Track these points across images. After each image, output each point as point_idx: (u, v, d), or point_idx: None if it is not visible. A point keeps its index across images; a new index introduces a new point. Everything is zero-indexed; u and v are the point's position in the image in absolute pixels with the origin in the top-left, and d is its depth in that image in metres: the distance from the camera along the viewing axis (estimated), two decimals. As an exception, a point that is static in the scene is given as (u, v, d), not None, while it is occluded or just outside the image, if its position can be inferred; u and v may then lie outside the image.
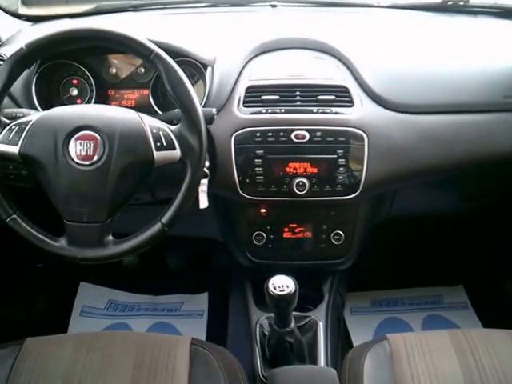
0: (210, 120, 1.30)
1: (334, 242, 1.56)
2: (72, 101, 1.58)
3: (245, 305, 1.69)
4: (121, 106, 1.58)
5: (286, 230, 1.57)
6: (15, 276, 2.24)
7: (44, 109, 1.47)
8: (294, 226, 1.56)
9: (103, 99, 1.58)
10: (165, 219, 1.24)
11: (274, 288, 1.30)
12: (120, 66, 1.58)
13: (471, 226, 2.22)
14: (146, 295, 2.40)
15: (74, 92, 1.57)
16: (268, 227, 1.56)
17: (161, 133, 1.23)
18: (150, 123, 1.24)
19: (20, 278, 2.29)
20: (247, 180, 1.47)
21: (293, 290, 1.30)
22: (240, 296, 1.78)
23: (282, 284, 1.30)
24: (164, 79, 1.22)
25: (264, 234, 1.56)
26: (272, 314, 1.47)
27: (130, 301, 2.39)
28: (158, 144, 1.22)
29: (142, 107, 1.53)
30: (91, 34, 1.22)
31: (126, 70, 1.58)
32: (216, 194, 1.48)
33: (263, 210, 1.55)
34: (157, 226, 1.24)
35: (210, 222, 1.75)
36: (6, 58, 1.48)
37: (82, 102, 1.58)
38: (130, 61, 1.58)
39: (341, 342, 1.79)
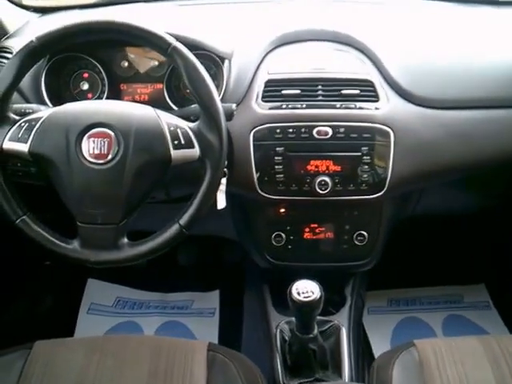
0: (229, 116, 1.25)
1: (356, 243, 1.51)
2: (82, 95, 1.53)
3: (262, 308, 1.64)
4: (134, 100, 1.53)
5: (307, 230, 1.52)
6: (22, 273, 2.20)
7: (54, 104, 1.42)
8: (315, 226, 1.51)
9: (115, 94, 1.53)
10: (183, 221, 1.19)
11: (298, 294, 1.25)
12: (133, 58, 1.52)
13: (493, 223, 2.17)
14: (156, 292, 2.35)
15: (85, 86, 1.52)
16: (288, 227, 1.51)
17: (178, 130, 1.18)
18: (168, 120, 1.19)
19: (27, 275, 2.24)
20: (266, 178, 1.42)
21: (318, 296, 1.25)
22: (256, 298, 1.73)
23: (306, 290, 1.25)
24: (183, 74, 1.17)
25: (283, 235, 1.51)
26: (293, 319, 1.42)
27: (139, 298, 2.34)
28: (176, 142, 1.17)
29: (155, 102, 1.46)
30: (106, 26, 1.17)
31: (139, 63, 1.53)
32: (233, 193, 1.43)
33: (283, 210, 1.50)
34: (174, 228, 1.20)
35: (224, 220, 1.70)
36: (13, 51, 1.47)
37: (92, 97, 1.53)
38: (144, 53, 1.52)
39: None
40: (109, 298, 2.33)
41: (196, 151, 1.17)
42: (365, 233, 1.51)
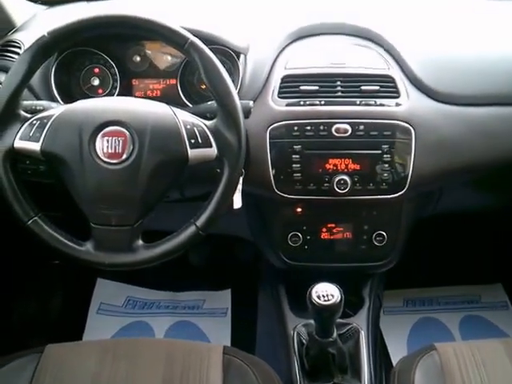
0: (247, 114, 1.22)
1: (375, 243, 1.48)
2: (93, 91, 1.51)
3: (278, 310, 1.61)
4: (146, 96, 1.51)
5: (324, 230, 1.49)
6: (31, 273, 2.18)
7: (64, 100, 1.41)
8: (333, 226, 1.48)
9: (127, 89, 1.50)
10: (200, 222, 1.16)
11: (318, 297, 1.22)
12: (145, 53, 1.50)
13: (510, 222, 2.14)
14: (166, 292, 2.34)
15: (96, 82, 1.50)
16: (304, 227, 1.48)
17: (195, 129, 1.15)
18: (184, 118, 1.16)
19: (35, 275, 2.23)
20: (283, 177, 1.39)
21: (338, 300, 1.22)
22: (271, 299, 1.71)
23: (326, 293, 1.23)
24: (200, 70, 1.15)
25: (300, 235, 1.48)
26: (310, 321, 1.40)
27: (149, 298, 2.32)
28: (193, 141, 1.14)
29: (168, 98, 1.45)
30: (120, 20, 1.14)
31: (152, 58, 1.51)
32: (248, 192, 1.40)
33: (299, 209, 1.47)
34: (191, 230, 1.17)
35: (237, 219, 1.67)
36: (22, 45, 1.45)
37: (103, 93, 1.50)
38: (157, 48, 1.50)
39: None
40: (119, 297, 2.31)
41: (213, 150, 1.15)
42: (384, 233, 1.48)
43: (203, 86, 1.49)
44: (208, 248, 2.38)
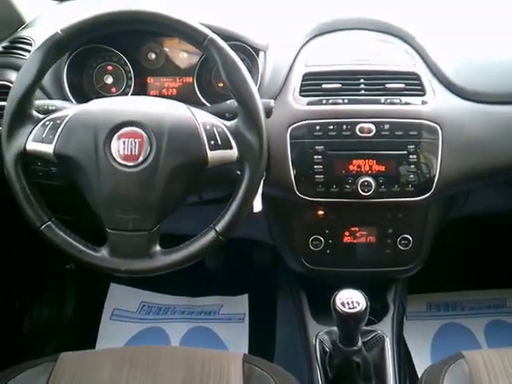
0: (268, 113, 1.20)
1: (400, 247, 1.45)
2: (106, 90, 1.49)
3: (299, 316, 1.58)
4: (161, 95, 1.48)
5: (347, 234, 1.46)
6: (43, 278, 2.17)
7: (77, 100, 1.39)
8: (356, 229, 1.45)
9: (141, 88, 1.48)
10: (219, 227, 1.14)
11: (343, 305, 1.19)
12: (160, 50, 1.48)
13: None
14: (182, 296, 2.32)
15: (109, 80, 1.48)
16: (326, 231, 1.45)
17: (215, 129, 1.12)
18: (203, 118, 1.13)
19: (47, 280, 2.21)
20: (304, 179, 1.36)
21: (364, 307, 1.19)
22: (291, 304, 1.68)
23: (351, 300, 1.20)
24: (219, 68, 1.12)
25: (322, 239, 1.45)
26: (333, 328, 1.37)
27: (164, 303, 2.30)
28: (212, 142, 1.11)
29: (185, 97, 1.44)
30: (137, 16, 1.12)
31: (168, 55, 1.48)
32: (268, 194, 1.37)
33: (321, 212, 1.44)
34: (210, 235, 1.14)
35: (255, 222, 1.64)
36: (33, 42, 1.44)
37: (117, 91, 1.48)
38: (173, 44, 1.47)
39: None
40: (133, 302, 2.29)
41: (234, 152, 1.12)
42: (409, 237, 1.44)
43: (221, 84, 1.47)
44: (224, 251, 2.35)
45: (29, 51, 1.43)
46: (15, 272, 2.00)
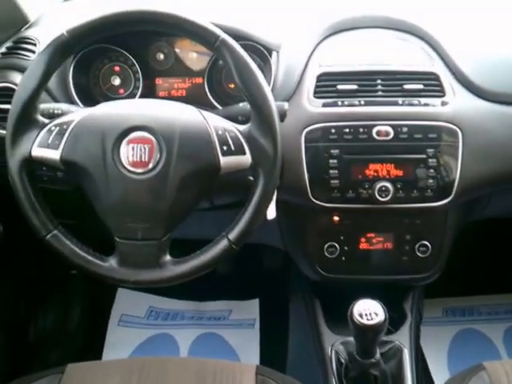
0: (282, 117, 1.16)
1: (418, 254, 1.41)
2: (114, 91, 1.45)
3: (313, 325, 1.54)
4: (170, 96, 1.45)
5: (363, 240, 1.42)
6: (48, 284, 2.14)
7: (83, 102, 1.36)
8: (373, 235, 1.41)
9: (150, 89, 1.45)
10: (232, 236, 1.10)
11: (361, 316, 1.16)
12: (169, 50, 1.44)
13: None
14: (190, 301, 2.28)
15: (116, 81, 1.44)
16: (342, 237, 1.42)
17: (227, 134, 1.08)
18: (215, 122, 1.10)
19: (53, 286, 2.18)
20: (319, 184, 1.33)
21: (383, 319, 1.15)
22: (305, 312, 1.64)
23: (369, 311, 1.16)
24: (232, 70, 1.08)
25: (337, 246, 1.41)
26: (349, 339, 1.33)
27: (172, 308, 2.27)
28: (225, 148, 1.07)
29: (195, 98, 1.41)
30: (145, 16, 1.08)
31: (177, 55, 1.45)
32: (281, 199, 1.34)
33: (336, 218, 1.40)
34: (223, 244, 1.11)
35: (269, 227, 1.61)
36: (37, 43, 1.40)
37: (125, 93, 1.45)
38: (182, 44, 1.44)
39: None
40: (140, 308, 2.26)
41: (247, 158, 1.08)
42: (428, 243, 1.40)
43: (232, 85, 1.44)
44: (234, 255, 2.31)
45: (33, 52, 1.40)
46: (20, 278, 1.97)
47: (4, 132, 1.13)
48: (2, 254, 1.83)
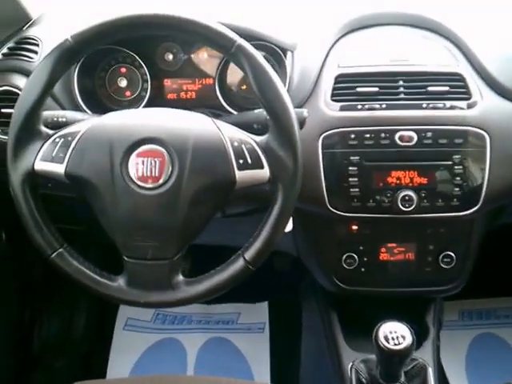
0: (301, 124, 1.08)
1: (442, 265, 1.34)
2: (120, 93, 1.39)
3: (330, 340, 1.47)
4: (179, 98, 1.39)
5: (384, 250, 1.35)
6: (53, 287, 2.08)
7: (88, 105, 1.30)
8: (393, 246, 1.35)
9: (158, 91, 1.39)
10: (249, 255, 1.03)
11: (387, 340, 1.09)
12: (178, 49, 1.37)
13: None
14: (198, 304, 2.21)
15: (123, 83, 1.38)
16: (361, 247, 1.35)
17: (244, 146, 1.01)
18: (230, 133, 1.02)
19: (58, 291, 2.12)
20: (338, 193, 1.27)
21: (410, 343, 1.09)
22: (319, 321, 1.57)
23: (396, 334, 1.09)
24: (249, 77, 1.00)
25: (356, 256, 1.35)
26: (371, 356, 1.26)
27: (179, 311, 2.23)
28: (241, 161, 1.00)
29: (205, 100, 1.37)
30: (157, 20, 1.00)
31: (186, 55, 1.38)
32: (297, 208, 1.27)
33: (355, 227, 1.34)
34: (239, 264, 1.04)
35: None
36: (39, 43, 1.35)
37: (132, 95, 1.39)
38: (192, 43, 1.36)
39: None
40: (147, 311, 2.21)
41: (265, 172, 1.01)
42: (452, 254, 1.34)
43: (244, 87, 1.37)
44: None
45: (35, 52, 1.34)
46: (24, 284, 1.91)
47: (6, 137, 1.07)
48: (6, 261, 1.78)
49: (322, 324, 1.55)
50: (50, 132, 1.05)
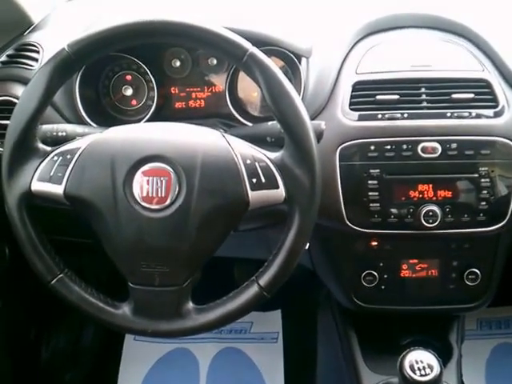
0: (318, 137, 0.98)
1: (467, 282, 1.24)
2: (126, 103, 1.30)
3: (350, 359, 1.37)
4: (188, 107, 1.30)
5: (405, 267, 1.25)
6: (60, 301, 2.00)
7: (91, 115, 1.21)
8: (415, 262, 1.25)
9: (165, 99, 1.29)
10: (263, 281, 0.94)
11: (413, 370, 0.99)
12: (186, 55, 1.28)
13: None
14: None
15: (128, 91, 1.29)
16: (381, 264, 1.25)
17: (257, 164, 0.92)
18: (242, 150, 0.93)
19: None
20: (357, 207, 1.17)
21: (438, 373, 0.99)
22: (337, 339, 1.47)
23: (422, 365, 0.99)
24: (262, 88, 0.91)
25: (376, 274, 1.25)
26: (393, 380, 1.17)
27: None
28: (254, 181, 0.91)
29: (214, 109, 1.28)
30: (164, 27, 0.91)
31: (194, 61, 1.28)
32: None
33: (375, 243, 1.24)
34: (253, 291, 0.95)
35: None
36: (40, 49, 1.27)
37: (138, 104, 1.30)
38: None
39: None
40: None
41: (281, 192, 0.91)
42: (477, 270, 1.24)
43: (255, 94, 1.27)
44: (254, 263, 2.15)
45: (35, 59, 1.26)
46: (31, 297, 1.83)
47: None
48: (10, 276, 1.69)
49: (338, 340, 1.46)
50: (48, 149, 0.96)
